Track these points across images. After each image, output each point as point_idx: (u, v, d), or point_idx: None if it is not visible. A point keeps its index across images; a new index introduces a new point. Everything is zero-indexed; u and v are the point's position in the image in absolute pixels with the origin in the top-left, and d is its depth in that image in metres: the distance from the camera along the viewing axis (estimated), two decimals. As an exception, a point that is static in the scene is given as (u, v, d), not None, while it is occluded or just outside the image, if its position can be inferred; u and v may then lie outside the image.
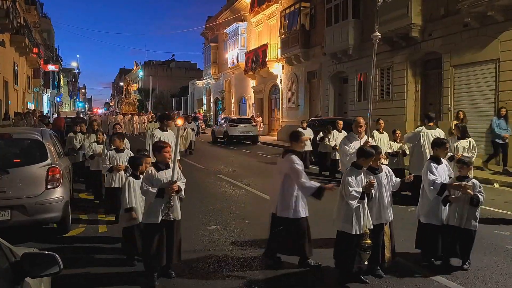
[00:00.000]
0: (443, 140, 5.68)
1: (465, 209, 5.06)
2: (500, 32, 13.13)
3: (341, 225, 4.74)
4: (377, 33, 7.33)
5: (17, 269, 2.43)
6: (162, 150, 4.87)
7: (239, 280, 4.90)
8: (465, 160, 5.36)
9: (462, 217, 5.07)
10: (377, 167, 5.01)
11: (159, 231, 4.71)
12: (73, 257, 5.63)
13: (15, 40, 24.17)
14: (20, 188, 6.05)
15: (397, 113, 17.60)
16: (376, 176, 4.91)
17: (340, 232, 4.79)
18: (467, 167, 5.29)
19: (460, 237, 5.09)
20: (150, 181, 4.71)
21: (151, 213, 4.74)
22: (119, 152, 7.12)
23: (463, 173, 5.28)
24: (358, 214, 4.65)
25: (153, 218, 4.71)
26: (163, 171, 4.80)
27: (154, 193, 4.62)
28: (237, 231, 6.93)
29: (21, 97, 28.27)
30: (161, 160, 4.88)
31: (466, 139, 8.27)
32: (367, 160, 4.80)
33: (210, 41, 42.35)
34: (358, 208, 4.63)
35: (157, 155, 4.94)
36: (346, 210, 4.67)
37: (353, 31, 19.89)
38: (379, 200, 4.88)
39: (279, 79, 28.76)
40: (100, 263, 5.47)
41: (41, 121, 16.63)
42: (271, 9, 29.58)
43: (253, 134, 24.53)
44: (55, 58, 48.91)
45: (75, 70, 74.55)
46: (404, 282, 4.79)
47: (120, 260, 5.50)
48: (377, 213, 4.89)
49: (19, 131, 7.89)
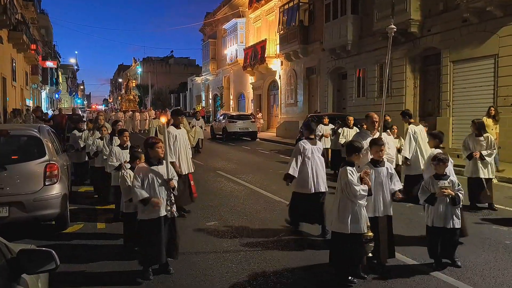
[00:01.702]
0: None
1: (447, 209, 4.99)
2: (499, 27, 13.11)
3: (337, 225, 4.68)
4: (392, 26, 7.03)
5: (13, 266, 2.42)
6: (155, 145, 4.88)
7: (238, 276, 4.90)
8: (441, 157, 5.16)
9: (446, 217, 4.98)
10: (379, 159, 4.94)
11: (155, 227, 4.75)
12: (71, 253, 5.63)
13: (13, 37, 24.05)
14: (18, 185, 6.04)
15: (395, 109, 17.57)
16: (376, 169, 4.87)
17: (335, 233, 4.74)
18: (443, 164, 5.12)
19: (446, 237, 5.02)
20: (140, 176, 4.78)
21: (144, 210, 4.79)
22: (124, 149, 7.10)
23: (440, 171, 5.15)
24: (355, 213, 4.58)
25: (148, 214, 4.77)
26: (155, 167, 4.84)
27: (140, 197, 4.69)
28: (235, 227, 6.92)
29: (19, 93, 28.17)
30: (154, 156, 4.89)
31: (484, 135, 7.98)
32: (359, 155, 4.76)
33: (209, 37, 42.29)
34: (355, 206, 4.57)
35: (149, 151, 4.94)
36: (343, 210, 4.61)
37: (351, 27, 19.86)
38: (375, 194, 4.81)
39: (278, 75, 28.73)
40: (98, 260, 5.46)
41: (38, 118, 16.42)
42: (269, 5, 29.51)
43: (252, 130, 24.51)
44: (54, 55, 48.79)
45: (74, 67, 74.39)
46: (402, 277, 4.79)
47: (119, 257, 5.50)
48: (373, 206, 4.84)
49: (17, 128, 7.87)
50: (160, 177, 4.81)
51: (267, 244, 5.99)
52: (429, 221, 5.14)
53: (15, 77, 26.16)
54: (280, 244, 6.02)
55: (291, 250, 5.79)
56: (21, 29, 24.81)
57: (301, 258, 5.47)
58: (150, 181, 4.77)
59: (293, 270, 5.07)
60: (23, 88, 29.88)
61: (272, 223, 7.11)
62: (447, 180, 5.07)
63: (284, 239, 6.25)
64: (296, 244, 6.03)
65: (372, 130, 6.14)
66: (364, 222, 4.61)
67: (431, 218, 5.09)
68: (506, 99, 13.01)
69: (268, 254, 5.57)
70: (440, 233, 5.03)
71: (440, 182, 5.04)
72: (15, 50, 25.96)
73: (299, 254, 5.61)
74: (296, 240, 6.20)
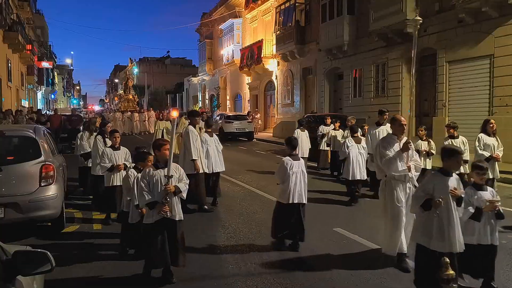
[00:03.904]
0: None
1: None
2: (495, 27, 13.17)
3: (420, 238, 4.21)
4: (418, 18, 6.89)
5: (8, 267, 2.40)
6: (162, 147, 4.76)
7: (234, 276, 4.89)
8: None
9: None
10: (481, 183, 4.54)
11: (156, 231, 4.61)
12: (67, 254, 5.60)
13: (8, 37, 23.97)
14: (13, 186, 6.00)
15: (392, 109, 17.62)
16: (478, 193, 4.46)
17: (418, 245, 4.25)
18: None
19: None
20: (146, 179, 4.65)
21: (148, 214, 4.68)
22: (116, 150, 7.07)
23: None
24: (442, 227, 4.04)
25: (150, 218, 4.65)
26: (161, 170, 4.69)
27: (147, 201, 4.58)
28: (232, 227, 6.92)
29: (14, 94, 28.06)
30: (161, 158, 4.77)
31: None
32: (455, 160, 4.16)
33: (205, 38, 42.19)
34: (442, 219, 4.04)
35: (157, 153, 4.82)
36: (426, 220, 4.13)
37: (348, 27, 19.89)
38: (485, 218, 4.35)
39: (275, 75, 28.74)
40: (94, 260, 5.43)
41: (30, 119, 16.28)
42: (266, 5, 29.51)
43: (249, 131, 24.49)
44: (49, 55, 48.56)
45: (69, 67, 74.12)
46: (400, 278, 4.80)
47: (115, 257, 5.48)
48: (479, 231, 4.35)
49: (12, 129, 7.83)
50: (162, 180, 4.66)
51: (264, 245, 5.98)
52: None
53: (10, 78, 26.06)
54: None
55: (289, 251, 5.78)
56: (17, 29, 24.74)
57: (299, 259, 5.47)
58: (155, 183, 4.64)
59: (291, 271, 5.07)
60: (18, 88, 29.76)
61: (269, 223, 7.08)
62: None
63: (280, 239, 6.24)
64: (292, 244, 6.02)
65: (399, 134, 5.42)
66: (452, 242, 4.05)
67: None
68: (502, 99, 13.07)
69: (265, 255, 5.56)
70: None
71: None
72: (10, 50, 25.86)
73: (297, 255, 5.60)
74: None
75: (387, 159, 5.11)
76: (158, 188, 4.61)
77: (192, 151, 7.79)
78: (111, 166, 6.85)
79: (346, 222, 7.14)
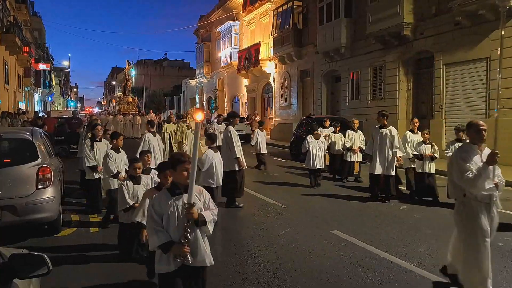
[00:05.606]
0: None
1: None
2: (491, 30, 13.22)
3: None
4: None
5: (5, 271, 2.40)
6: (180, 167, 3.31)
7: (232, 279, 4.88)
8: None
9: None
10: None
11: (174, 283, 3.30)
12: (64, 258, 5.58)
13: (5, 39, 23.93)
14: (10, 188, 5.98)
15: (389, 111, 17.64)
16: None
17: None
18: None
19: None
20: (158, 211, 3.30)
21: (162, 258, 3.31)
22: (118, 153, 7.06)
23: None
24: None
25: (165, 265, 3.31)
26: (180, 197, 3.30)
27: (158, 243, 3.25)
28: (229, 230, 6.91)
29: (11, 96, 28.00)
30: (178, 180, 3.35)
31: None
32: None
33: (203, 40, 42.24)
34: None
35: (172, 173, 3.44)
36: None
37: (345, 30, 19.96)
38: None
39: (272, 78, 28.77)
40: (91, 263, 5.42)
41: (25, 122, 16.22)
42: (263, 7, 29.57)
43: (246, 133, 24.46)
44: (47, 57, 48.50)
45: (67, 69, 74.00)
46: (395, 279, 4.80)
47: (112, 260, 5.47)
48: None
49: (9, 131, 7.81)
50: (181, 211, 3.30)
51: (261, 248, 5.98)
52: None
53: (7, 80, 26.01)
54: (275, 247, 6.01)
55: (287, 252, 5.78)
56: (14, 31, 24.71)
57: (297, 260, 5.47)
58: (171, 215, 3.28)
59: (289, 272, 5.07)
60: (15, 90, 29.70)
61: (267, 226, 7.10)
62: None
63: (279, 242, 6.25)
64: (291, 246, 6.03)
65: (479, 142, 4.38)
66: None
67: None
68: (498, 101, 13.09)
69: (262, 258, 5.56)
70: None
71: None
72: (7, 52, 25.81)
73: (294, 257, 5.60)
74: (291, 242, 6.20)
75: (470, 177, 4.10)
76: (175, 221, 3.28)
77: (236, 150, 8.49)
78: (116, 172, 6.96)
79: (343, 224, 7.15)
